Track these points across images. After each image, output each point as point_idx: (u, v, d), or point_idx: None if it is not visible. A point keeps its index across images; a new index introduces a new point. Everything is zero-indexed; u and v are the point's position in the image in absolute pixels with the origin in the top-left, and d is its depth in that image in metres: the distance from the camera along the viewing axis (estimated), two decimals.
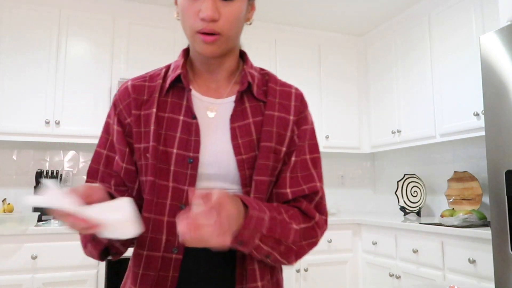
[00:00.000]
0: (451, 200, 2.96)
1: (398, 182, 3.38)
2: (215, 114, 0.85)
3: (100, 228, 0.66)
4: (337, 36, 3.72)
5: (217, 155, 0.81)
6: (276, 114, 0.86)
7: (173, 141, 0.81)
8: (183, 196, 0.80)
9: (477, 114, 2.55)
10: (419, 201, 3.24)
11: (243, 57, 0.93)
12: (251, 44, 3.39)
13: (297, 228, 0.79)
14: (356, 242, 3.16)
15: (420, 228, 2.53)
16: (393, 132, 3.33)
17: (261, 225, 0.72)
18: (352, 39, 3.78)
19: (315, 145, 0.89)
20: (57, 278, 2.42)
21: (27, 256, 2.37)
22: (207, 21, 0.77)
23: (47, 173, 2.93)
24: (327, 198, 3.86)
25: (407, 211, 3.29)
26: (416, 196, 3.28)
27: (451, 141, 3.09)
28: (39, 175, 2.90)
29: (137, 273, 0.80)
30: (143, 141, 0.83)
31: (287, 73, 3.48)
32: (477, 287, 2.16)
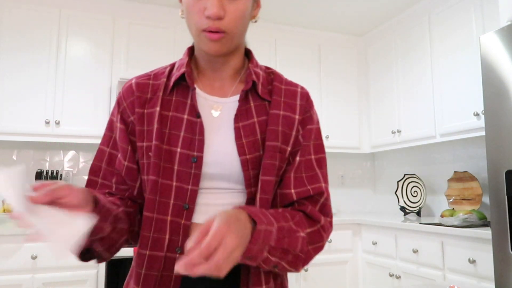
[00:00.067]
0: (451, 200, 2.96)
1: (398, 182, 3.38)
2: (220, 113, 0.84)
3: (40, 239, 0.61)
4: (337, 36, 3.72)
5: (221, 155, 0.81)
6: (281, 113, 0.84)
7: (177, 140, 0.80)
8: (186, 196, 0.79)
9: (477, 114, 2.55)
10: (419, 201, 3.24)
11: (248, 55, 0.92)
12: (251, 44, 3.36)
13: (304, 235, 0.78)
14: (356, 242, 3.16)
15: (420, 228, 2.53)
16: (393, 132, 3.33)
17: (269, 238, 0.70)
18: (352, 39, 3.78)
19: (320, 145, 0.88)
20: (57, 278, 2.42)
21: (27, 256, 2.37)
22: (212, 19, 0.76)
23: (47, 173, 2.93)
24: None
25: (407, 211, 3.29)
26: (416, 196, 3.28)
27: (451, 141, 3.09)
28: (39, 175, 2.90)
29: (140, 273, 0.79)
30: (146, 139, 0.82)
31: (287, 73, 3.48)
32: (477, 287, 2.16)
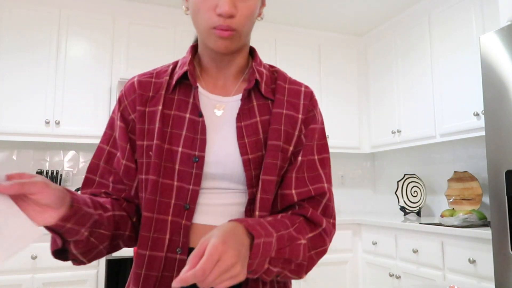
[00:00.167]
0: (451, 200, 2.96)
1: (398, 182, 3.38)
2: (223, 112, 0.83)
3: None
4: (337, 36, 3.72)
5: (222, 155, 0.79)
6: (284, 112, 0.83)
7: (178, 140, 0.79)
8: (187, 196, 0.78)
9: (477, 114, 2.55)
10: (419, 201, 3.24)
11: (252, 54, 0.91)
12: (251, 44, 3.38)
13: (305, 242, 0.75)
14: (356, 242, 3.16)
15: (420, 228, 2.53)
16: (393, 132, 3.33)
17: (269, 250, 0.68)
18: (352, 39, 3.78)
19: (324, 145, 0.86)
20: (57, 278, 2.42)
21: (27, 256, 2.37)
22: (224, 17, 0.75)
23: (47, 173, 2.92)
24: None
25: (407, 211, 3.29)
26: (416, 196, 3.28)
27: (451, 141, 3.09)
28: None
29: (140, 274, 0.78)
30: (146, 138, 0.81)
31: (287, 73, 3.48)
32: (477, 287, 2.16)
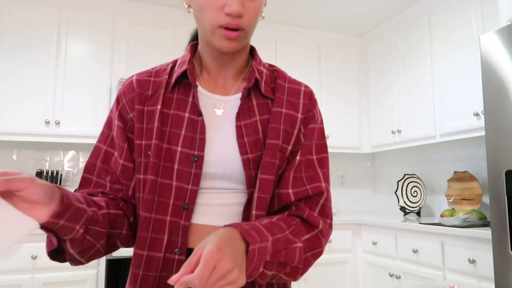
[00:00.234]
0: (451, 200, 2.96)
1: (398, 182, 3.38)
2: (223, 111, 0.83)
3: None
4: (337, 36, 3.72)
5: (222, 154, 0.79)
6: (284, 111, 0.83)
7: (177, 139, 0.79)
8: (186, 196, 0.77)
9: (477, 114, 2.55)
10: (419, 201, 3.24)
11: (252, 53, 0.91)
12: (251, 44, 3.38)
13: (301, 245, 0.75)
14: (356, 242, 3.16)
15: (420, 228, 2.53)
16: (393, 132, 3.33)
17: (264, 254, 0.68)
18: (352, 39, 3.78)
19: (323, 145, 0.85)
20: (57, 278, 2.42)
21: (27, 256, 2.37)
22: (232, 16, 0.75)
23: (47, 173, 2.92)
24: None
25: (407, 211, 3.29)
26: (416, 196, 3.28)
27: (451, 141, 3.09)
28: (39, 175, 2.90)
29: (137, 274, 0.77)
30: (145, 138, 0.80)
31: (287, 73, 3.48)
32: (477, 287, 2.16)
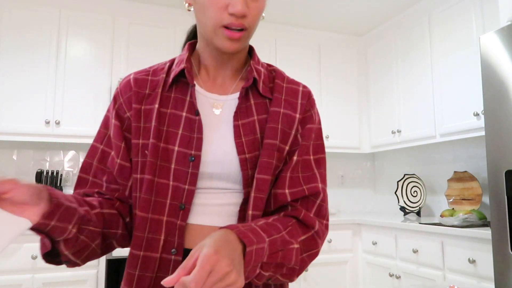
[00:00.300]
0: (451, 200, 2.96)
1: (398, 182, 3.38)
2: (221, 111, 0.82)
3: None
4: (337, 36, 3.72)
5: (219, 154, 0.78)
6: (282, 111, 0.82)
7: (174, 138, 0.78)
8: (183, 196, 0.77)
9: (477, 114, 2.55)
10: (419, 201, 3.24)
11: (250, 52, 0.90)
12: (251, 44, 3.38)
13: (298, 246, 0.75)
14: (356, 242, 3.16)
15: (420, 228, 2.53)
16: (393, 132, 3.33)
17: (261, 255, 0.67)
18: (352, 39, 3.78)
19: (320, 146, 0.85)
20: (57, 278, 2.42)
21: (27, 256, 2.37)
22: (236, 17, 0.74)
23: (47, 173, 2.92)
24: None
25: (407, 211, 3.29)
26: (416, 196, 3.28)
27: (451, 141, 3.09)
28: (39, 175, 2.90)
29: (133, 275, 0.76)
30: (142, 137, 0.80)
31: (287, 73, 3.48)
32: (477, 287, 2.16)
